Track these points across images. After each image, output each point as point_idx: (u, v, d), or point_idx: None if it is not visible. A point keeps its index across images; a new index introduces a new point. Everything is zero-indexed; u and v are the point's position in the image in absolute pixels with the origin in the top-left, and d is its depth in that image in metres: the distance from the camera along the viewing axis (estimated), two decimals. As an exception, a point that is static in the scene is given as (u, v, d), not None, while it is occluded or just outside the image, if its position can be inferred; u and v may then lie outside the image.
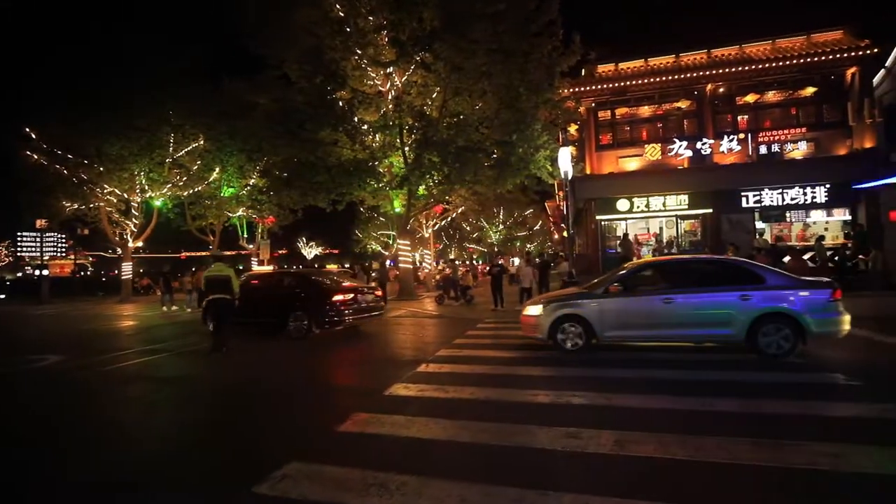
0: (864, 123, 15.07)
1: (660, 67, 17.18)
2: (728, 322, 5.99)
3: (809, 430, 3.58)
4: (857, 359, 6.13)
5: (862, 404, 4.17)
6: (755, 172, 15.83)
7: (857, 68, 15.31)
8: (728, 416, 3.95)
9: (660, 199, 16.75)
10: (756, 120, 16.46)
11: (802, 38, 16.37)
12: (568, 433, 3.57)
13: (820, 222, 16.30)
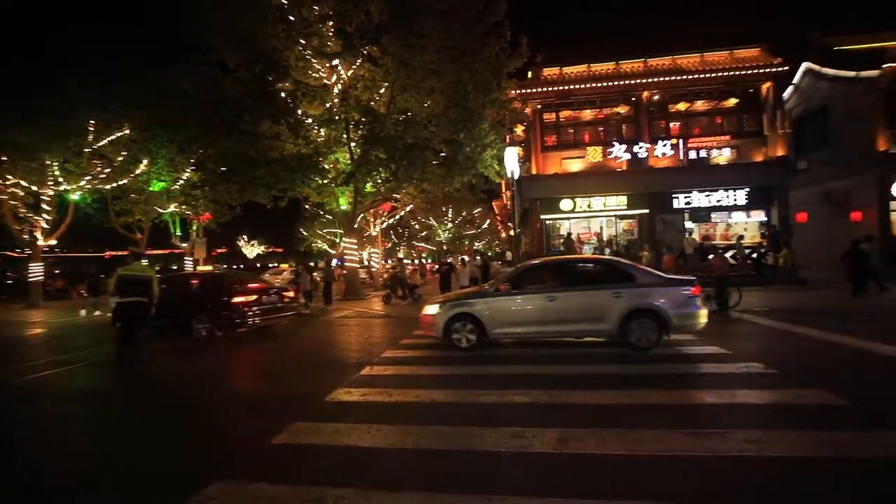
0: (776, 133, 16.57)
1: (601, 73, 17.91)
2: (604, 317, 6.45)
3: (735, 418, 3.80)
4: (773, 348, 6.66)
5: (779, 391, 4.49)
6: (685, 176, 16.93)
7: (771, 83, 16.78)
8: (660, 407, 4.12)
9: (601, 200, 17.49)
10: (686, 127, 17.61)
11: (726, 52, 17.71)
12: (513, 433, 3.54)
13: (740, 223, 17.74)
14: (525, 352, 6.87)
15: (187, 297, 9.52)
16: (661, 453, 3.14)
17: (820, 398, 4.20)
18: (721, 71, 16.75)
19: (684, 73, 17.07)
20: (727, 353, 6.20)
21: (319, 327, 11.21)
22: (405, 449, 3.43)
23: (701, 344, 6.81)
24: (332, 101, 15.30)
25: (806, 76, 19.75)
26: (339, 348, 8.24)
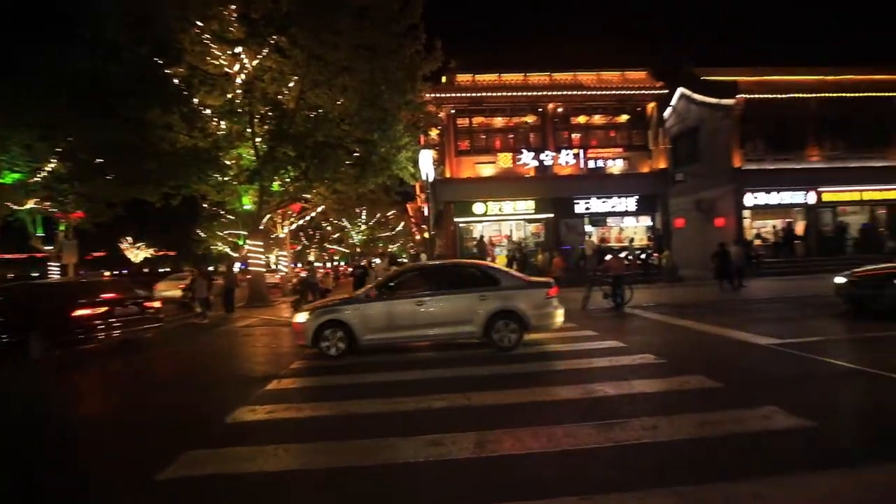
0: (659, 148, 18.72)
1: (511, 84, 18.78)
2: (470, 320, 6.73)
3: (634, 407, 4.13)
4: (660, 340, 7.41)
5: (667, 379, 5.00)
6: (586, 183, 18.41)
7: (655, 104, 18.93)
8: (569, 402, 4.36)
9: (511, 204, 18.32)
10: (586, 138, 19.16)
11: (619, 74, 19.60)
12: (431, 441, 3.49)
13: (631, 227, 19.74)
14: (439, 355, 6.89)
15: (21, 310, 8.30)
16: (573, 447, 3.30)
17: (701, 383, 4.75)
18: (614, 90, 18.52)
19: (584, 88, 18.57)
20: (624, 346, 6.79)
21: (218, 338, 10.25)
22: (319, 470, 3.20)
23: (601, 339, 7.38)
24: (234, 92, 14.12)
25: (681, 100, 22.62)
26: (242, 361, 7.59)
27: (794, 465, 2.93)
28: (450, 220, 18.49)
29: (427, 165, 12.54)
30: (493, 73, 19.16)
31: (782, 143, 19.68)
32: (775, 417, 3.74)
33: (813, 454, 3.10)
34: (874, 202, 20.00)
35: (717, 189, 19.87)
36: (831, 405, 4.11)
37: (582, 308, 11.18)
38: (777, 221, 20.33)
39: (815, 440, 3.32)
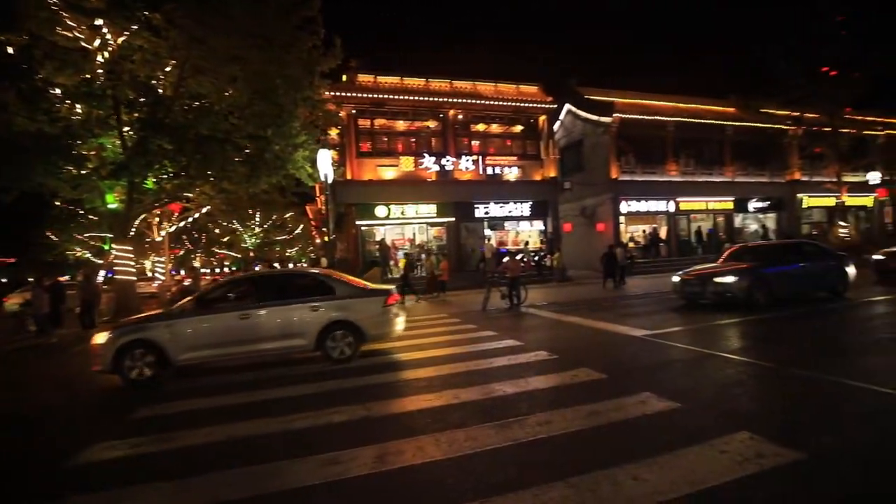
0: (549, 158, 20.22)
1: (413, 88, 18.87)
2: (301, 333, 6.42)
3: (529, 404, 4.31)
4: (553, 336, 7.93)
5: (559, 374, 5.32)
6: (484, 189, 19.17)
7: (545, 117, 20.41)
8: (470, 405, 4.41)
9: (414, 207, 18.37)
10: (485, 145, 19.99)
11: (514, 86, 20.79)
12: (327, 460, 3.27)
13: (526, 231, 21.03)
14: (333, 368, 6.59)
15: None
16: (474, 450, 3.32)
17: (588, 375, 5.14)
18: (510, 101, 19.59)
19: (482, 98, 19.36)
20: (520, 344, 7.12)
21: (70, 360, 8.67)
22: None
23: (500, 339, 7.66)
24: (94, 72, 12.11)
25: (568, 115, 24.77)
26: (100, 386, 6.46)
27: (665, 444, 3.27)
28: (351, 223, 17.97)
29: (326, 165, 12.00)
30: (396, 76, 19.11)
31: (649, 158, 22.57)
32: (650, 402, 4.17)
33: (680, 432, 3.49)
34: (716, 211, 23.86)
35: (599, 197, 22.11)
36: (693, 387, 4.70)
37: (482, 309, 11.57)
38: (646, 226, 23.22)
39: (681, 420, 3.76)
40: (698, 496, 2.62)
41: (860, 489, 2.62)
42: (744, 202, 24.03)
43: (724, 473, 2.83)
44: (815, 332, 6.97)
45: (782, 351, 5.83)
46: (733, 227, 24.17)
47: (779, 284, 9.14)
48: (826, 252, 10.57)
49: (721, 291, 8.99)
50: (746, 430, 3.41)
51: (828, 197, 23.29)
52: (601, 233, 22.10)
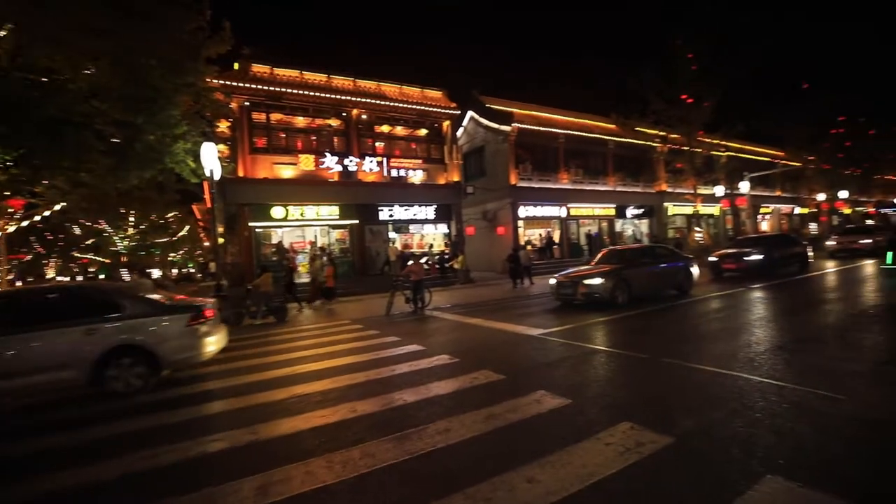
0: (453, 163, 20.64)
1: (314, 83, 17.97)
2: (68, 363, 5.19)
3: (429, 412, 4.22)
4: (456, 339, 7.98)
5: (460, 377, 5.33)
6: (389, 191, 18.92)
7: (449, 122, 20.80)
8: (366, 417, 4.19)
9: (314, 209, 17.46)
10: (390, 147, 19.73)
11: (419, 90, 20.87)
12: (201, 498, 2.82)
13: (431, 234, 21.20)
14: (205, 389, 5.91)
15: None
16: (370, 469, 3.12)
17: (487, 377, 5.22)
18: (415, 104, 19.62)
19: (387, 99, 19.12)
20: (423, 349, 7.05)
21: None
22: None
23: (403, 344, 7.52)
24: None
25: (470, 121, 25.58)
26: None
27: (558, 441, 3.38)
28: (245, 225, 16.49)
29: (212, 160, 10.84)
30: (295, 70, 18.03)
31: (544, 166, 24.21)
32: (544, 400, 4.32)
33: (570, 428, 3.64)
34: (601, 216, 26.39)
35: (499, 202, 23.14)
36: (581, 382, 5.00)
37: (386, 314, 11.35)
38: (542, 230, 24.85)
39: (571, 415, 3.94)
40: (587, 491, 2.72)
41: (718, 467, 2.93)
42: (623, 209, 26.91)
43: (609, 465, 2.99)
44: (672, 324, 7.91)
45: (651, 343, 6.50)
46: (615, 232, 26.93)
47: (637, 284, 10.14)
48: (675, 255, 11.98)
49: (589, 293, 9.74)
50: (628, 421, 3.68)
51: (687, 206, 27.05)
52: (502, 236, 23.14)
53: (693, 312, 8.81)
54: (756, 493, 2.59)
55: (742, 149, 32.11)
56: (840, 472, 2.76)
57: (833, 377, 4.50)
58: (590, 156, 26.22)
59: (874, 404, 3.79)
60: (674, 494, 2.65)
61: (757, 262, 13.59)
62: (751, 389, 4.28)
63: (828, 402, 3.86)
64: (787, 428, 3.42)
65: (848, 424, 3.42)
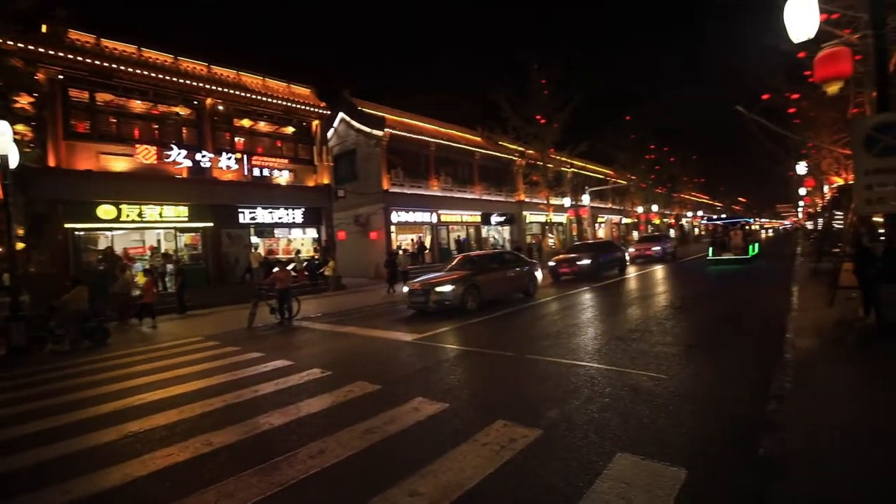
0: (323, 165, 19.76)
1: (156, 63, 15.49)
2: None
3: (301, 434, 3.86)
4: (327, 350, 7.54)
5: (334, 392, 5.01)
6: (251, 191, 17.24)
7: (319, 122, 19.87)
8: (225, 450, 3.67)
9: (156, 209, 14.99)
10: (251, 144, 18.00)
11: (285, 84, 19.52)
12: None
13: (298, 238, 19.93)
14: (26, 425, 4.63)
15: None
16: (228, 511, 2.69)
17: (363, 389, 5.01)
18: (280, 99, 18.26)
19: (248, 90, 17.43)
20: (291, 364, 6.50)
21: None
22: None
23: (267, 360, 6.84)
24: None
25: (341, 123, 24.85)
26: None
27: (437, 448, 3.37)
28: (58, 227, 13.31)
29: (4, 143, 8.54)
30: (131, 44, 15.31)
31: (416, 173, 24.70)
32: (422, 407, 4.30)
33: (448, 433, 3.67)
34: (468, 223, 27.92)
35: (372, 206, 22.86)
36: (457, 384, 5.11)
37: (248, 327, 10.26)
38: (414, 235, 25.25)
39: (449, 419, 3.98)
40: (467, 496, 2.74)
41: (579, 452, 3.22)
42: (488, 216, 28.86)
43: (487, 466, 3.07)
44: (530, 324, 8.66)
45: (516, 341, 7.01)
46: (481, 237, 28.73)
47: (488, 290, 10.57)
48: (521, 260, 12.69)
49: (440, 300, 9.77)
50: (501, 419, 3.86)
51: (541, 214, 30.21)
52: (374, 241, 22.89)
53: (543, 312, 9.75)
54: (610, 470, 2.91)
55: (584, 166, 37.17)
56: (668, 441, 3.27)
57: (658, 360, 5.37)
58: (458, 165, 27.61)
59: (686, 380, 4.62)
60: (544, 484, 2.83)
61: (587, 266, 15.45)
62: (600, 377, 4.87)
63: (656, 382, 4.58)
64: (629, 409, 3.95)
65: (671, 400, 4.10)
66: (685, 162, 47.89)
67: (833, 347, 5.19)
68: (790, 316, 7.27)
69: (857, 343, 5.23)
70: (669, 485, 2.69)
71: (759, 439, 3.21)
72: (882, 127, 4.92)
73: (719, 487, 2.69)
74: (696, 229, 64.33)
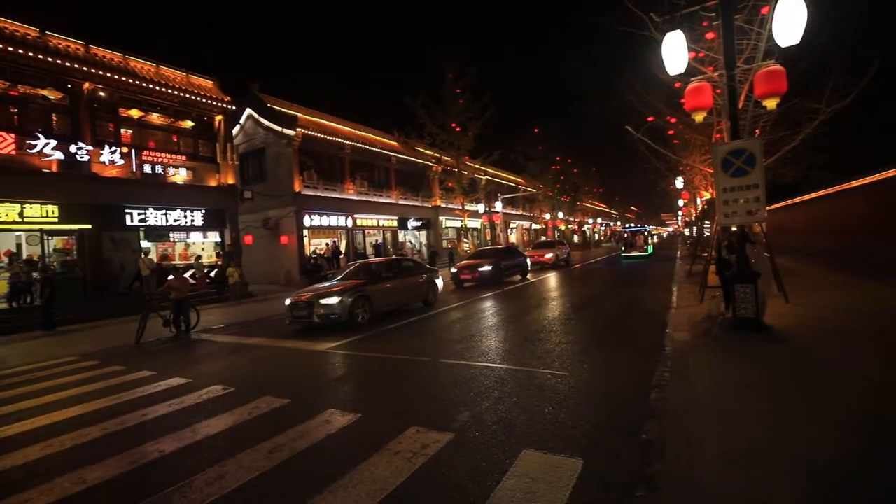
0: (227, 163, 18.37)
1: (16, 36, 13.25)
2: None
3: (197, 460, 3.54)
4: (230, 365, 6.98)
5: (237, 410, 4.66)
6: (140, 190, 15.45)
7: (223, 117, 18.44)
8: (99, 488, 3.26)
9: (12, 207, 12.79)
10: (141, 137, 16.16)
11: (183, 74, 17.83)
12: None
13: (198, 243, 18.27)
14: None
15: None
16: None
17: (269, 404, 4.73)
18: (177, 90, 16.63)
19: (137, 77, 15.63)
20: (187, 381, 5.94)
21: None
22: None
23: (160, 379, 6.17)
24: None
25: (249, 120, 23.32)
26: None
27: (350, 460, 3.29)
28: None
29: None
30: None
31: (330, 175, 23.96)
32: (334, 419, 4.18)
33: (361, 444, 3.60)
34: (385, 227, 27.70)
35: (282, 209, 21.70)
36: (370, 393, 5.04)
37: (136, 342, 9.17)
38: (328, 240, 24.42)
39: (362, 430, 3.91)
40: (379, 507, 2.72)
41: (488, 451, 3.35)
42: (405, 221, 28.89)
43: (399, 475, 3.07)
44: (429, 333, 8.88)
45: (427, 347, 7.10)
46: (398, 242, 28.65)
47: (382, 300, 9.77)
48: (421, 267, 12.00)
49: (326, 313, 8.79)
50: (415, 425, 3.88)
51: (457, 220, 30.95)
52: (285, 246, 21.75)
53: (443, 322, 9.98)
54: (516, 467, 3.07)
55: (497, 174, 38.84)
56: (568, 435, 3.53)
57: (561, 358, 5.79)
58: (375, 169, 27.33)
59: (584, 376, 5.04)
60: (455, 486, 2.90)
61: (488, 273, 15.48)
62: (509, 378, 5.12)
63: (558, 379, 4.93)
64: (534, 406, 4.20)
65: (571, 395, 4.44)
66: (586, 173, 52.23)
67: (702, 340, 6.00)
68: (670, 312, 8.26)
69: (719, 335, 6.10)
70: (568, 475, 2.91)
71: (644, 425, 3.61)
72: (735, 152, 5.83)
73: (610, 473, 2.96)
74: (596, 235, 70.34)
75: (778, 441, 3.07)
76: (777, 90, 5.79)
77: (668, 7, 6.78)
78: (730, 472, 2.73)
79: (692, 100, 6.31)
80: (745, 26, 7.03)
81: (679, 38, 6.00)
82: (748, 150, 5.80)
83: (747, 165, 5.78)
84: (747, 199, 5.86)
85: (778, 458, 2.84)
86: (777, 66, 5.83)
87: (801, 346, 5.30)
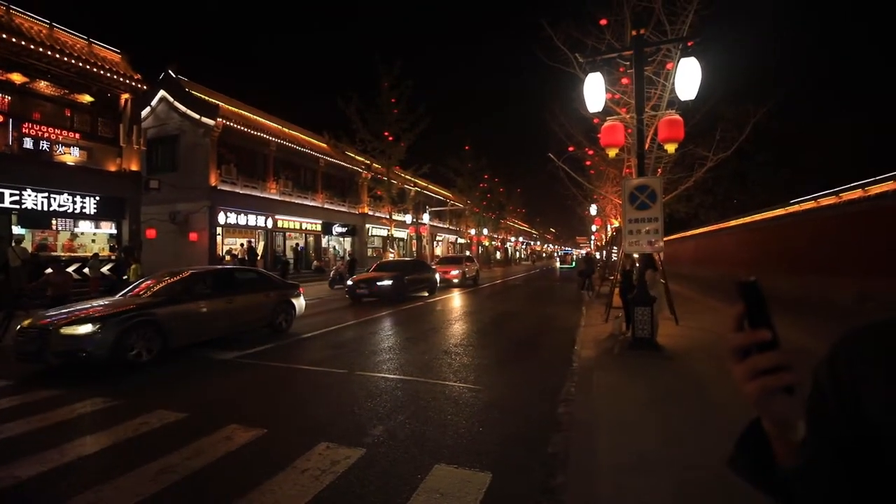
0: (132, 147, 16.57)
1: None
2: None
3: (62, 489, 3.09)
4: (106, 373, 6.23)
5: (121, 425, 4.15)
6: (16, 167, 13.34)
7: (130, 96, 16.64)
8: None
9: None
10: (23, 106, 14.02)
11: (85, 42, 15.85)
12: None
13: (88, 233, 16.17)
14: None
15: None
16: None
17: (162, 419, 4.27)
18: (74, 59, 14.72)
19: (24, 37, 13.60)
20: (59, 393, 5.16)
21: None
22: None
23: (20, 391, 5.31)
24: None
25: (162, 102, 21.31)
26: None
27: (252, 481, 3.07)
28: None
29: None
30: None
31: (251, 172, 22.59)
32: (236, 435, 3.88)
33: (266, 462, 3.38)
34: (308, 231, 26.63)
35: (193, 203, 19.99)
36: (278, 406, 4.76)
37: (-6, 344, 7.80)
38: (244, 240, 22.88)
39: (267, 446, 3.68)
40: (280, 531, 2.56)
41: (400, 467, 3.32)
42: (330, 226, 28.02)
43: (305, 494, 2.92)
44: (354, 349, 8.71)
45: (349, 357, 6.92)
46: (321, 247, 27.67)
47: (184, 328, 6.82)
48: (269, 281, 8.98)
49: (70, 349, 5.78)
50: (325, 441, 3.73)
51: (383, 229, 30.66)
52: (194, 243, 20.02)
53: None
54: (427, 483, 3.07)
55: (427, 186, 39.21)
56: (479, 449, 3.62)
57: (477, 372, 5.93)
58: (301, 169, 26.30)
59: (497, 390, 5.20)
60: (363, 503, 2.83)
61: (388, 287, 13.69)
62: (425, 391, 5.13)
63: (473, 394, 5.04)
64: (448, 420, 4.25)
65: (484, 409, 4.56)
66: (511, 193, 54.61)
67: (605, 357, 6.49)
68: (579, 330, 8.85)
69: (620, 353, 6.65)
70: (476, 489, 2.97)
71: (551, 438, 3.80)
72: (640, 187, 6.47)
73: (517, 485, 3.08)
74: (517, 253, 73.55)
75: (666, 451, 3.40)
76: (676, 137, 6.56)
77: (592, 50, 7.42)
78: (624, 483, 2.97)
79: (607, 137, 6.91)
80: (654, 77, 7.89)
81: (599, 79, 6.57)
82: (651, 186, 6.47)
83: (650, 200, 6.44)
84: (648, 230, 6.52)
85: (665, 468, 3.15)
86: (677, 116, 6.61)
87: (687, 365, 5.96)
